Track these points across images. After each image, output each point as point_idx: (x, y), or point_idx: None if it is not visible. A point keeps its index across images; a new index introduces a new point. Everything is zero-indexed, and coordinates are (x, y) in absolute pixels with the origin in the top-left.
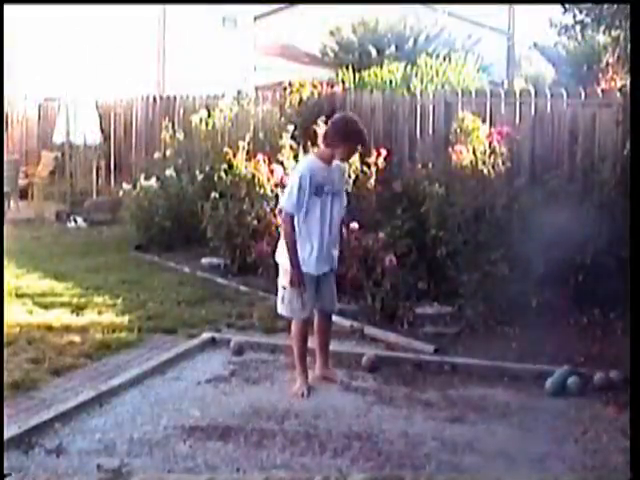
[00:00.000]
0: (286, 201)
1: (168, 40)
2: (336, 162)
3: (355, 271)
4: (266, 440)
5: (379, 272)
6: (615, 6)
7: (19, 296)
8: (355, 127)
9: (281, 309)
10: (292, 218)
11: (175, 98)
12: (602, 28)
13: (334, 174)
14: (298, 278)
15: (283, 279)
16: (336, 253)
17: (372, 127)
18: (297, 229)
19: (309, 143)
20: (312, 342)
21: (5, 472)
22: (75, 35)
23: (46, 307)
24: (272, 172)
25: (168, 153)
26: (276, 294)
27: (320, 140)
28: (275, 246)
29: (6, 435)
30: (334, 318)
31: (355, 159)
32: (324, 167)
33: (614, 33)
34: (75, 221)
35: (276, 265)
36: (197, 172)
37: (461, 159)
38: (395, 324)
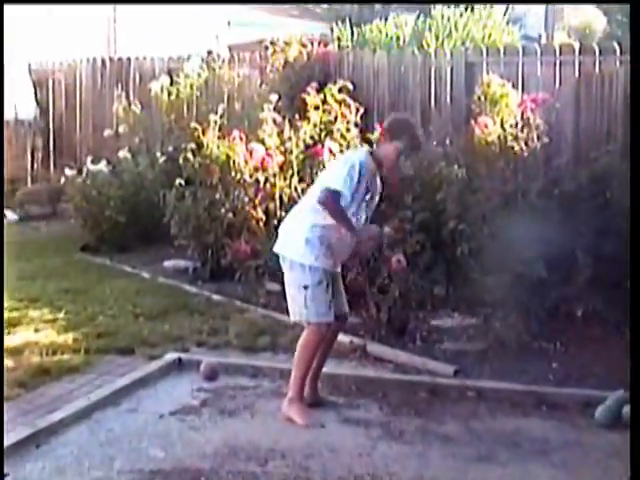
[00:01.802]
0: (337, 183)
1: None
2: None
3: (355, 274)
4: None
5: (385, 275)
6: None
7: None
8: (419, 138)
9: (301, 314)
10: (340, 198)
11: (129, 61)
12: None
13: (377, 175)
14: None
15: (307, 277)
16: None
17: (375, 95)
18: (317, 220)
19: (297, 116)
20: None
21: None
22: None
23: None
24: (251, 153)
25: (121, 130)
26: (257, 304)
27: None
28: (255, 244)
29: None
30: None
31: (353, 135)
32: (373, 167)
33: None
34: (4, 216)
35: (257, 268)
36: (158, 153)
37: (486, 134)
38: (405, 340)
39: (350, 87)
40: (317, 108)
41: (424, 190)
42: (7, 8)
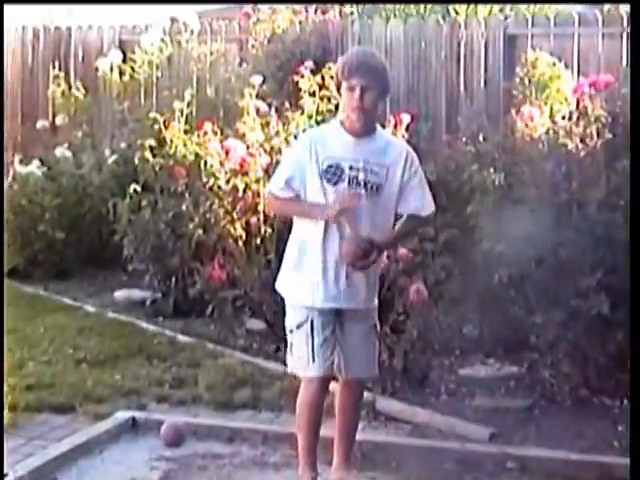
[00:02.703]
0: (273, 183)
1: None
2: (385, 136)
3: None
4: None
5: (400, 310)
6: None
7: None
8: (358, 57)
9: (290, 365)
10: (274, 200)
11: (70, 31)
12: None
13: (374, 154)
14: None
15: (291, 318)
16: (373, 284)
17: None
18: (298, 236)
19: (287, 105)
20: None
21: None
22: None
23: None
24: (227, 152)
25: (59, 121)
26: (235, 347)
27: None
28: (234, 268)
29: None
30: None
31: None
32: (349, 139)
33: None
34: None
35: (235, 300)
36: (107, 151)
37: (532, 128)
38: (426, 394)
39: None
40: (313, 94)
41: (450, 201)
42: None
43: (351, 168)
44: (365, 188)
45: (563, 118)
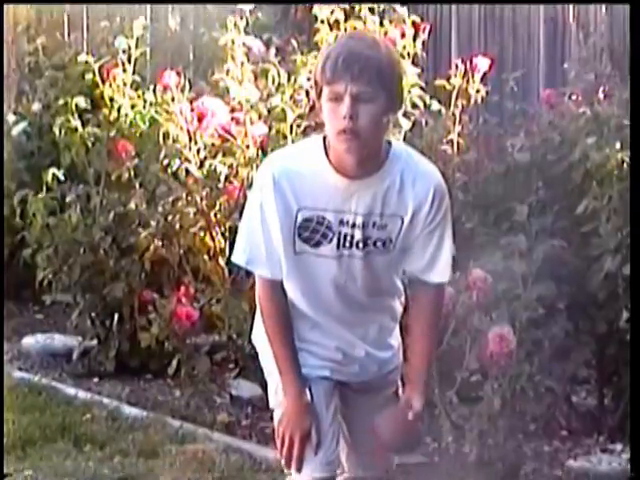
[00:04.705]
0: (242, 252)
1: None
2: (400, 163)
3: None
4: None
5: (474, 368)
6: None
7: None
8: (347, 48)
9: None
10: (269, 283)
11: None
12: None
13: (381, 200)
14: (294, 394)
15: (272, 391)
16: (390, 349)
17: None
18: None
19: (294, 42)
20: None
21: None
22: None
23: None
24: (201, 118)
25: None
26: (213, 425)
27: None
28: (211, 301)
29: None
30: None
31: (409, 82)
32: (338, 180)
33: None
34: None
35: (213, 351)
36: (10, 117)
37: None
38: None
39: None
40: (335, 25)
41: (552, 194)
42: None
43: (342, 223)
44: (364, 248)
45: None
